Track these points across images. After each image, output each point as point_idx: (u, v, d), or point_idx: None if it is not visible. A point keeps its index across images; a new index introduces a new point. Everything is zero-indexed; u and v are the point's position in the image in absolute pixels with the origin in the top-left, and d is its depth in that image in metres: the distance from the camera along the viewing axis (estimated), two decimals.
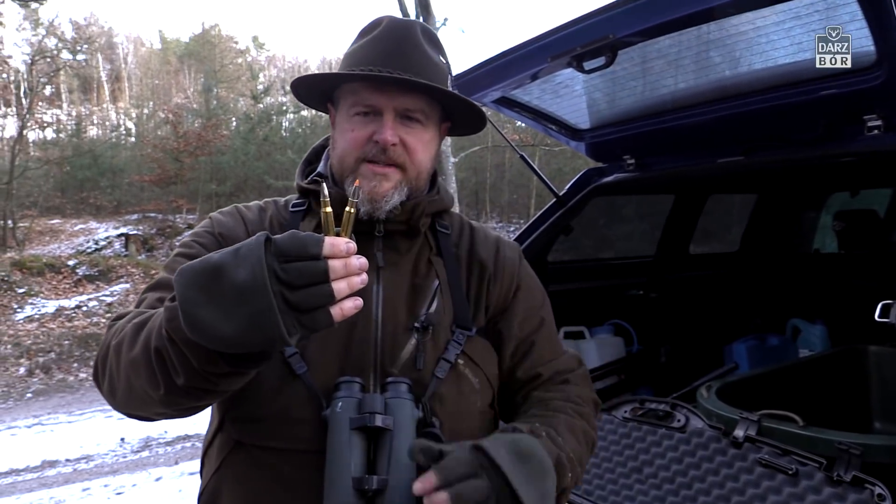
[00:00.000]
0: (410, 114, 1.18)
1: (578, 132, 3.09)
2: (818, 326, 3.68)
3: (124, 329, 1.02)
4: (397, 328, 1.15)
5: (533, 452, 0.96)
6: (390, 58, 1.16)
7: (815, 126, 2.22)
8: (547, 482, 0.96)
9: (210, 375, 0.88)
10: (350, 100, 1.20)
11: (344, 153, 1.20)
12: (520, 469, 0.92)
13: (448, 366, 1.14)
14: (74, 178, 23.70)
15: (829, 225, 4.22)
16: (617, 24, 2.00)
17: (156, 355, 0.91)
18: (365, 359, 1.12)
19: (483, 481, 0.89)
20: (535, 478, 0.94)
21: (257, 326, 0.78)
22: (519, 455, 0.94)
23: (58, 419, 6.96)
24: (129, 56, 43.58)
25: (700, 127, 2.59)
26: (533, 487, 0.92)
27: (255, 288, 0.78)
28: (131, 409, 1.05)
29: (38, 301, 11.79)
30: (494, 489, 0.89)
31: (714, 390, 2.39)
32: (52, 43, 21.62)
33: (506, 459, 0.91)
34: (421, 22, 1.25)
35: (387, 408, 1.03)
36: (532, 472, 0.93)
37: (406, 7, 14.43)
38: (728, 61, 2.29)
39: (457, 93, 1.22)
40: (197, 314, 0.80)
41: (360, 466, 0.99)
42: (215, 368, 0.86)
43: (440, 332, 1.16)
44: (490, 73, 2.57)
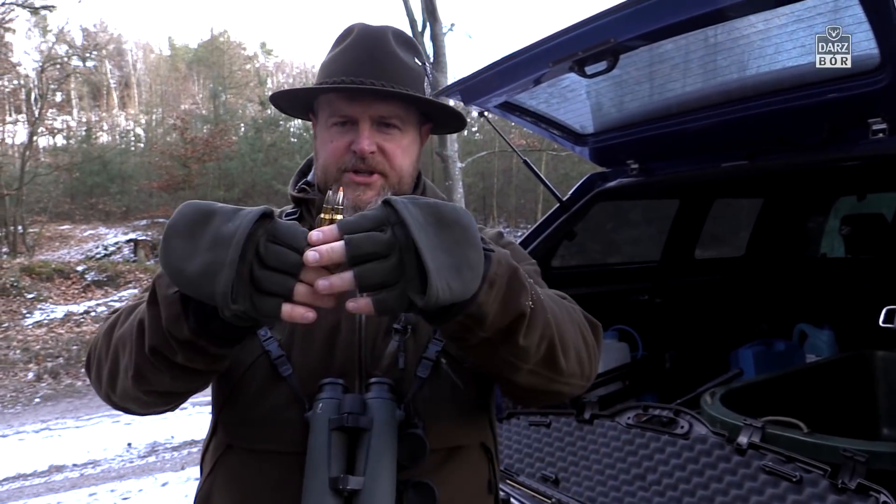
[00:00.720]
0: (387, 120, 1.19)
1: (582, 137, 3.08)
2: (825, 331, 3.66)
3: (118, 315, 1.06)
4: (379, 330, 1.15)
5: (458, 219, 0.84)
6: (363, 66, 1.17)
7: (820, 129, 2.21)
8: (468, 253, 0.82)
9: (171, 339, 0.88)
10: (327, 111, 1.22)
11: (325, 164, 1.21)
12: (433, 231, 0.81)
13: (430, 364, 1.13)
14: (84, 184, 23.86)
15: (836, 229, 4.19)
16: (618, 29, 1.99)
17: (138, 326, 0.93)
18: (349, 361, 1.13)
19: (385, 235, 0.80)
20: (453, 245, 0.81)
21: (211, 275, 0.79)
22: (437, 218, 0.82)
23: (65, 424, 6.98)
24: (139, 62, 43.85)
25: (704, 131, 2.58)
26: (447, 255, 0.80)
27: (228, 242, 0.79)
28: (112, 394, 1.06)
29: (47, 306, 11.86)
30: (398, 246, 0.79)
31: (718, 397, 2.37)
32: (62, 50, 21.76)
33: (416, 218, 0.80)
34: (393, 27, 1.25)
35: (367, 408, 1.02)
36: (450, 239, 0.82)
37: (413, 13, 14.50)
38: (731, 65, 2.28)
39: (430, 98, 1.23)
40: (173, 242, 0.82)
41: (338, 467, 0.98)
42: (178, 331, 0.87)
43: (421, 332, 1.16)
44: (493, 77, 2.57)
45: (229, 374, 1.13)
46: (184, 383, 0.98)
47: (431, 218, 0.82)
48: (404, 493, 1.03)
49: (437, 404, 1.13)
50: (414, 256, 0.79)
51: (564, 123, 3.04)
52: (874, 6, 1.69)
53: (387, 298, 0.80)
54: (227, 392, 1.14)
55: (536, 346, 0.97)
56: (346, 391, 1.07)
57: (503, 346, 0.94)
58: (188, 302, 0.86)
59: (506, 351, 0.95)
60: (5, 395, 8.20)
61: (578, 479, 2.24)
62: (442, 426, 1.12)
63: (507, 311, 0.90)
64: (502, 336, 0.92)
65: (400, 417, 1.05)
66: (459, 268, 0.81)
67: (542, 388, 1.06)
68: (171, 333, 0.88)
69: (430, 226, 0.81)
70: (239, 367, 1.13)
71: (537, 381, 1.03)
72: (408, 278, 0.79)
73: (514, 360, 0.97)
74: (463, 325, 0.89)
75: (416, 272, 0.79)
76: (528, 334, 0.94)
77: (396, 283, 0.80)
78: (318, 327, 1.14)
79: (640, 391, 3.31)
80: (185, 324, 0.86)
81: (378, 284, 0.79)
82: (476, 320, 0.88)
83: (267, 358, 1.11)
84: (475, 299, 0.86)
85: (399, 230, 0.80)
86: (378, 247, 0.79)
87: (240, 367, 1.13)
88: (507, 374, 1.01)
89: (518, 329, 0.92)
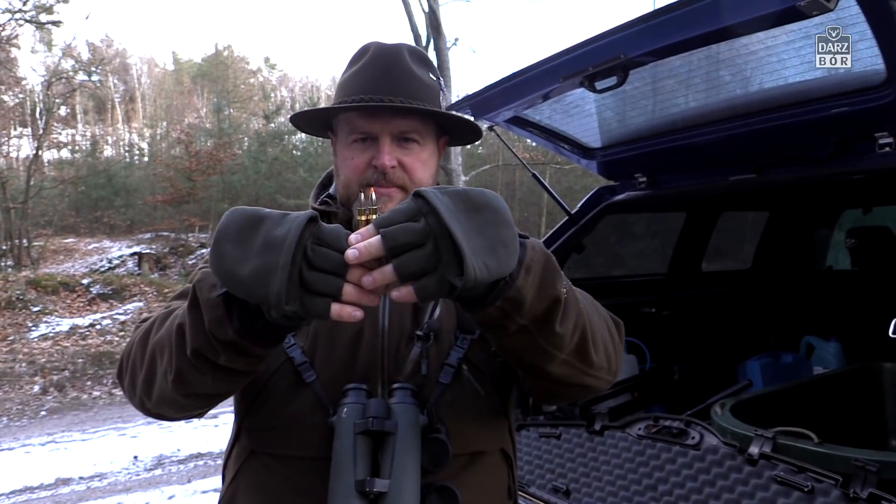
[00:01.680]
0: (406, 135, 1.23)
1: (590, 150, 3.12)
2: (832, 343, 3.67)
3: (152, 322, 1.08)
4: (402, 337, 1.18)
5: (487, 203, 0.87)
6: (380, 84, 1.21)
7: (827, 144, 2.24)
8: (501, 233, 0.85)
9: (215, 341, 0.90)
10: (347, 128, 1.26)
11: (347, 180, 1.25)
12: (464, 216, 0.84)
13: (451, 371, 1.15)
14: (89, 198, 23.94)
15: (842, 242, 4.21)
16: (628, 44, 2.03)
17: (177, 330, 0.96)
18: (372, 367, 1.15)
19: (419, 224, 0.82)
20: (485, 227, 0.84)
21: (264, 277, 0.82)
22: (467, 203, 0.85)
23: (71, 437, 6.98)
24: (143, 77, 44.10)
25: (712, 145, 2.61)
26: (480, 237, 0.83)
27: (281, 246, 0.82)
28: (147, 400, 1.08)
29: (52, 319, 11.87)
30: (432, 234, 0.82)
31: (728, 408, 2.39)
32: (68, 64, 21.92)
33: (447, 205, 0.83)
34: (407, 44, 1.30)
35: (391, 413, 1.05)
36: (482, 221, 0.85)
37: (417, 27, 14.60)
38: (739, 80, 2.31)
39: (447, 111, 1.28)
40: (224, 247, 0.85)
41: (364, 470, 1.00)
42: (222, 333, 0.89)
43: (443, 338, 1.18)
44: (503, 93, 2.61)
45: (253, 381, 1.15)
46: (224, 384, 1.00)
47: (461, 204, 0.85)
48: (427, 497, 1.05)
49: (458, 410, 1.15)
50: (449, 242, 0.81)
51: (573, 137, 3.08)
52: (880, 22, 1.72)
53: (427, 284, 0.82)
54: (250, 398, 1.16)
55: (570, 334, 0.99)
56: (369, 396, 1.09)
57: (540, 333, 0.96)
58: (231, 305, 0.89)
59: (542, 338, 0.97)
60: (11, 408, 8.21)
61: (590, 491, 2.25)
62: (464, 431, 1.14)
63: (544, 296, 0.93)
64: (539, 323, 0.95)
65: (423, 422, 1.07)
66: (493, 247, 0.84)
67: (573, 381, 1.07)
68: (215, 335, 0.90)
69: (461, 211, 0.84)
70: (263, 374, 1.15)
71: (570, 373, 1.05)
72: (445, 263, 0.82)
73: (550, 349, 0.98)
74: (502, 312, 0.91)
75: (452, 256, 0.81)
76: (563, 321, 0.97)
77: (435, 270, 0.82)
78: (340, 334, 1.17)
79: (648, 403, 3.32)
80: (229, 326, 0.89)
81: (417, 272, 0.82)
82: (514, 305, 0.91)
83: (290, 364, 1.14)
84: (513, 283, 0.89)
85: (432, 218, 0.82)
86: (413, 236, 0.82)
87: (264, 374, 1.15)
88: (541, 364, 1.02)
89: (554, 315, 0.95)
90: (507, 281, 0.88)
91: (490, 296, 0.89)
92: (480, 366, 1.19)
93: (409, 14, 14.56)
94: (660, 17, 1.88)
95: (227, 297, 0.89)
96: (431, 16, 13.99)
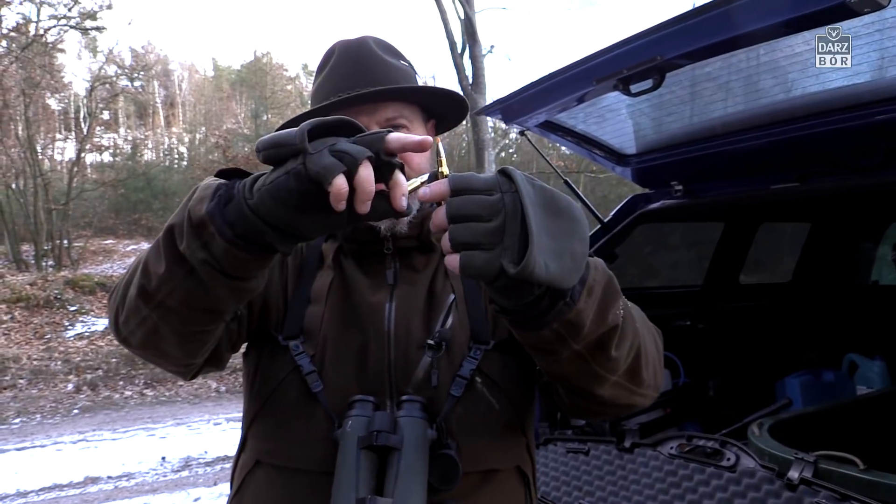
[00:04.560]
0: (394, 122, 1.20)
1: (624, 157, 3.02)
2: (877, 362, 3.51)
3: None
4: (410, 346, 1.12)
5: (569, 210, 0.80)
6: (354, 79, 1.19)
7: (876, 151, 2.12)
8: (574, 244, 0.79)
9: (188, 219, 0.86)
10: None
11: None
12: (541, 213, 0.77)
13: (464, 383, 1.09)
14: (128, 200, 24.34)
15: (888, 256, 4.04)
16: (665, 46, 1.93)
17: (167, 232, 0.90)
18: (380, 378, 1.10)
19: (493, 198, 0.77)
20: (559, 233, 0.78)
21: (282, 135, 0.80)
22: (549, 202, 0.79)
23: (102, 436, 7.05)
24: (184, 83, 44.85)
25: (752, 152, 2.51)
26: (551, 239, 0.77)
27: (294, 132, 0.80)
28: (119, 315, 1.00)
29: (88, 319, 12.07)
30: (504, 212, 0.76)
31: (766, 427, 2.27)
32: (111, 70, 22.37)
33: (529, 193, 0.77)
34: (371, 35, 1.27)
35: (397, 427, 0.99)
36: (558, 226, 0.78)
37: (453, 35, 14.58)
38: (782, 84, 2.20)
39: (427, 85, 1.26)
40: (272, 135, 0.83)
41: (366, 488, 0.94)
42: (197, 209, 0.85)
43: (455, 349, 1.12)
44: (535, 96, 2.53)
45: (260, 389, 1.12)
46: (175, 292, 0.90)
47: (542, 200, 0.79)
48: None
49: (471, 424, 1.09)
50: (518, 225, 0.76)
51: (606, 143, 2.99)
52: None
53: (476, 258, 0.76)
54: (257, 406, 1.13)
55: (625, 357, 0.94)
56: (376, 409, 1.04)
57: (595, 358, 0.91)
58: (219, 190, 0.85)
59: (597, 364, 0.92)
60: (45, 405, 8.33)
61: None
62: (476, 447, 1.08)
63: (603, 321, 0.88)
64: (594, 348, 0.89)
65: (432, 437, 1.01)
66: (561, 254, 0.78)
67: (620, 402, 1.02)
68: (190, 213, 0.85)
69: (540, 207, 0.78)
70: (271, 382, 1.11)
71: (619, 394, 1.00)
72: (505, 246, 0.76)
73: (603, 373, 0.94)
74: (557, 336, 0.85)
75: (515, 241, 0.76)
76: (619, 345, 0.91)
77: (491, 248, 0.76)
78: (349, 342, 1.12)
79: (681, 419, 3.20)
80: (206, 203, 0.84)
81: (470, 243, 0.76)
82: (572, 329, 0.85)
83: (298, 373, 1.10)
84: (574, 305, 0.83)
85: (510, 198, 0.77)
86: (481, 209, 0.77)
87: (272, 382, 1.11)
88: (591, 388, 0.97)
89: (611, 340, 0.90)
90: (566, 302, 0.83)
91: (546, 317, 0.83)
92: (495, 378, 1.13)
93: (445, 21, 14.58)
94: (699, 16, 1.79)
95: (219, 184, 0.86)
96: (467, 22, 13.99)
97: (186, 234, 0.85)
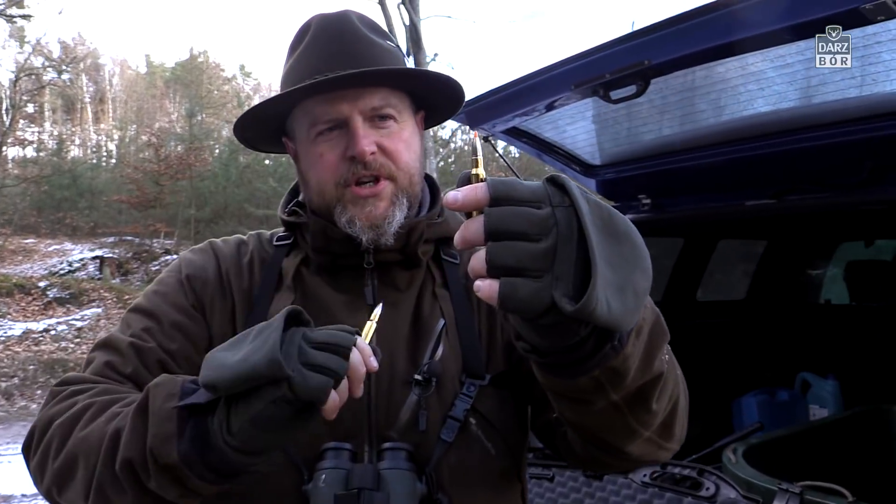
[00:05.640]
0: (380, 112, 1.01)
1: (592, 168, 2.92)
2: (830, 381, 3.51)
3: (77, 404, 0.89)
4: (394, 381, 0.97)
5: (630, 234, 0.65)
6: (335, 59, 0.99)
7: (860, 169, 2.06)
8: (637, 277, 0.63)
9: (152, 460, 0.78)
10: (306, 122, 1.02)
11: (321, 182, 1.02)
12: (605, 238, 0.62)
13: (456, 425, 0.95)
14: (52, 198, 23.30)
15: (839, 275, 4.07)
16: (654, 50, 1.83)
17: (112, 436, 0.81)
18: (357, 420, 0.94)
19: (542, 212, 0.61)
20: (620, 261, 0.62)
21: (257, 350, 0.74)
22: (607, 223, 0.63)
23: (17, 450, 6.57)
24: (115, 78, 43.33)
25: (727, 167, 2.43)
26: (611, 271, 0.61)
27: (270, 325, 0.76)
28: (56, 494, 0.89)
29: (4, 323, 11.43)
30: (556, 232, 0.60)
31: (741, 453, 2.18)
32: (38, 61, 21.40)
33: (587, 210, 0.62)
34: (353, 10, 1.07)
35: (381, 481, 0.85)
36: (618, 253, 0.63)
37: (398, 41, 14.46)
38: (768, 95, 2.13)
39: (424, 69, 1.07)
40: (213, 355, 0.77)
41: None
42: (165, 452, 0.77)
43: (446, 384, 0.97)
44: (504, 99, 2.40)
45: None
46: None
47: (600, 220, 0.63)
48: None
49: (464, 474, 0.94)
50: (574, 250, 0.60)
51: (574, 153, 2.88)
52: None
53: (519, 287, 0.60)
54: None
55: (664, 409, 0.80)
56: (354, 458, 0.89)
57: (632, 411, 0.76)
58: (187, 422, 0.76)
59: (634, 416, 0.77)
60: None
61: None
62: (470, 501, 0.94)
63: (649, 368, 0.73)
64: (634, 399, 0.75)
65: (421, 492, 0.88)
66: (623, 288, 0.62)
67: (646, 458, 0.89)
68: (154, 453, 0.76)
69: (599, 229, 0.62)
70: None
71: (648, 451, 0.87)
72: (557, 274, 0.60)
73: (639, 427, 0.79)
74: (595, 384, 0.70)
75: (570, 269, 0.60)
76: (661, 396, 0.77)
77: (540, 275, 0.60)
78: None
79: None
80: (174, 445, 0.75)
81: (514, 267, 0.60)
82: (614, 377, 0.70)
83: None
84: (622, 349, 0.67)
85: (563, 213, 0.61)
86: (529, 225, 0.60)
87: None
88: (620, 443, 0.83)
89: (653, 391, 0.76)
90: (613, 346, 0.67)
91: (590, 362, 0.67)
92: (491, 418, 0.98)
93: (390, 26, 14.43)
94: (694, 18, 1.69)
95: (181, 415, 0.76)
96: (412, 29, 13.92)
97: (155, 475, 0.78)
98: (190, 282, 1.05)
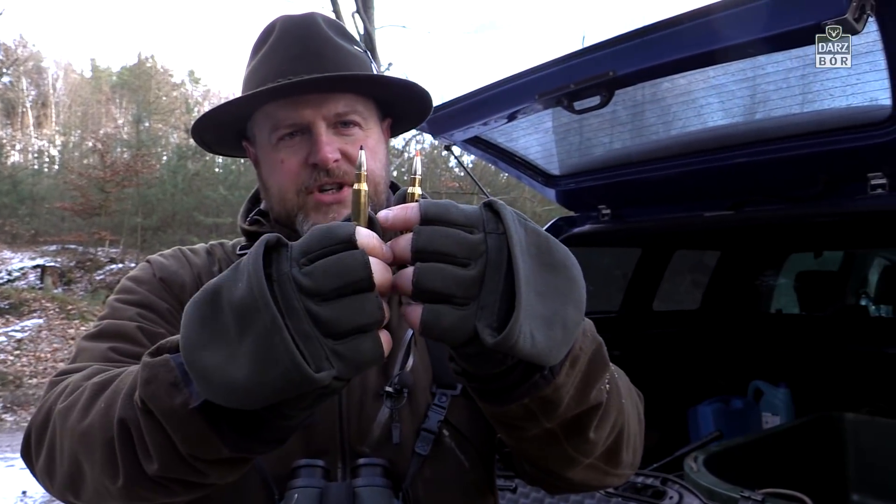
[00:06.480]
0: (345, 118, 0.98)
1: (552, 178, 2.92)
2: (781, 389, 3.59)
3: (77, 388, 0.78)
4: (366, 394, 0.94)
5: (567, 266, 0.62)
6: (299, 61, 0.96)
7: (815, 182, 2.10)
8: (567, 310, 0.60)
9: (199, 462, 0.64)
10: (267, 126, 0.99)
11: (281, 189, 0.99)
12: (535, 266, 0.59)
13: (431, 438, 0.92)
14: None
15: (790, 285, 4.17)
16: (620, 61, 1.84)
17: (120, 429, 0.67)
18: (329, 435, 0.91)
19: (475, 239, 0.58)
20: (551, 293, 0.60)
21: (268, 359, 0.55)
22: (543, 252, 0.60)
23: None
24: (59, 82, 42.15)
25: (685, 178, 2.46)
26: (540, 301, 0.58)
27: (254, 301, 0.56)
28: (73, 497, 0.79)
29: None
30: (485, 259, 0.58)
31: (702, 462, 2.20)
32: None
33: (521, 237, 0.59)
34: (319, 12, 1.04)
35: (356, 500, 0.82)
36: (551, 284, 0.60)
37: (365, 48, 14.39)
38: (729, 108, 2.16)
39: (390, 75, 1.05)
40: (199, 360, 0.58)
41: None
42: (210, 451, 0.64)
43: (418, 396, 0.95)
44: (467, 109, 2.39)
45: None
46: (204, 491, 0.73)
47: (535, 249, 0.60)
48: None
49: (440, 488, 0.92)
50: (502, 279, 0.57)
51: (534, 163, 2.88)
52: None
53: (443, 315, 0.57)
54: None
55: (605, 438, 0.77)
56: (327, 476, 0.85)
57: (569, 439, 0.73)
58: (216, 414, 0.62)
59: (570, 445, 0.74)
60: None
61: None
62: None
63: (584, 399, 0.70)
64: (569, 428, 0.72)
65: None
66: (551, 322, 0.59)
67: (592, 484, 0.87)
68: (198, 456, 0.64)
69: (532, 258, 0.59)
70: None
71: (592, 476, 0.84)
72: (483, 303, 0.57)
73: (577, 456, 0.76)
74: (526, 412, 0.68)
75: (496, 300, 0.57)
76: (599, 426, 0.74)
77: (465, 303, 0.57)
78: None
79: None
80: (219, 442, 0.62)
81: (440, 293, 0.57)
82: (545, 407, 0.67)
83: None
84: (552, 379, 0.64)
85: (494, 241, 0.58)
86: (457, 247, 0.57)
87: None
88: (559, 469, 0.80)
89: (590, 421, 0.73)
90: (543, 375, 0.64)
91: (517, 391, 0.65)
92: (464, 430, 0.96)
93: None
94: (660, 31, 1.70)
95: (204, 408, 0.61)
96: (366, 38, 13.85)
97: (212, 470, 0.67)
98: (165, 283, 1.01)
